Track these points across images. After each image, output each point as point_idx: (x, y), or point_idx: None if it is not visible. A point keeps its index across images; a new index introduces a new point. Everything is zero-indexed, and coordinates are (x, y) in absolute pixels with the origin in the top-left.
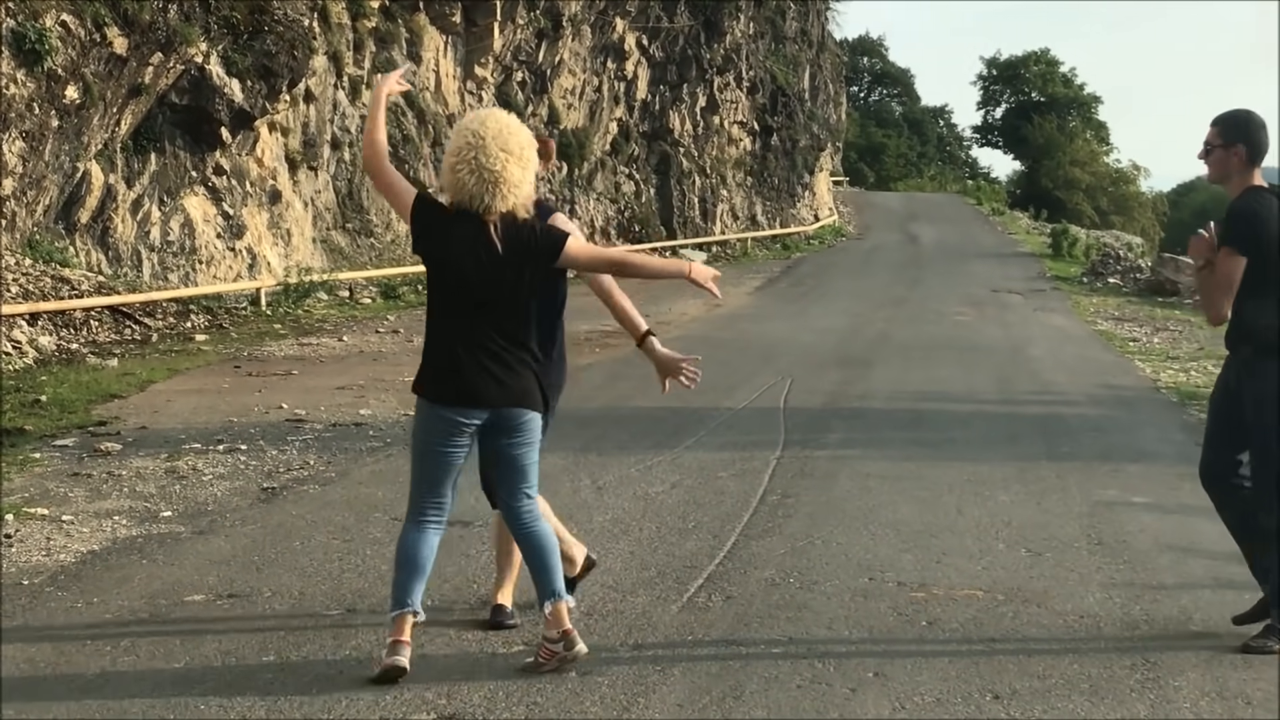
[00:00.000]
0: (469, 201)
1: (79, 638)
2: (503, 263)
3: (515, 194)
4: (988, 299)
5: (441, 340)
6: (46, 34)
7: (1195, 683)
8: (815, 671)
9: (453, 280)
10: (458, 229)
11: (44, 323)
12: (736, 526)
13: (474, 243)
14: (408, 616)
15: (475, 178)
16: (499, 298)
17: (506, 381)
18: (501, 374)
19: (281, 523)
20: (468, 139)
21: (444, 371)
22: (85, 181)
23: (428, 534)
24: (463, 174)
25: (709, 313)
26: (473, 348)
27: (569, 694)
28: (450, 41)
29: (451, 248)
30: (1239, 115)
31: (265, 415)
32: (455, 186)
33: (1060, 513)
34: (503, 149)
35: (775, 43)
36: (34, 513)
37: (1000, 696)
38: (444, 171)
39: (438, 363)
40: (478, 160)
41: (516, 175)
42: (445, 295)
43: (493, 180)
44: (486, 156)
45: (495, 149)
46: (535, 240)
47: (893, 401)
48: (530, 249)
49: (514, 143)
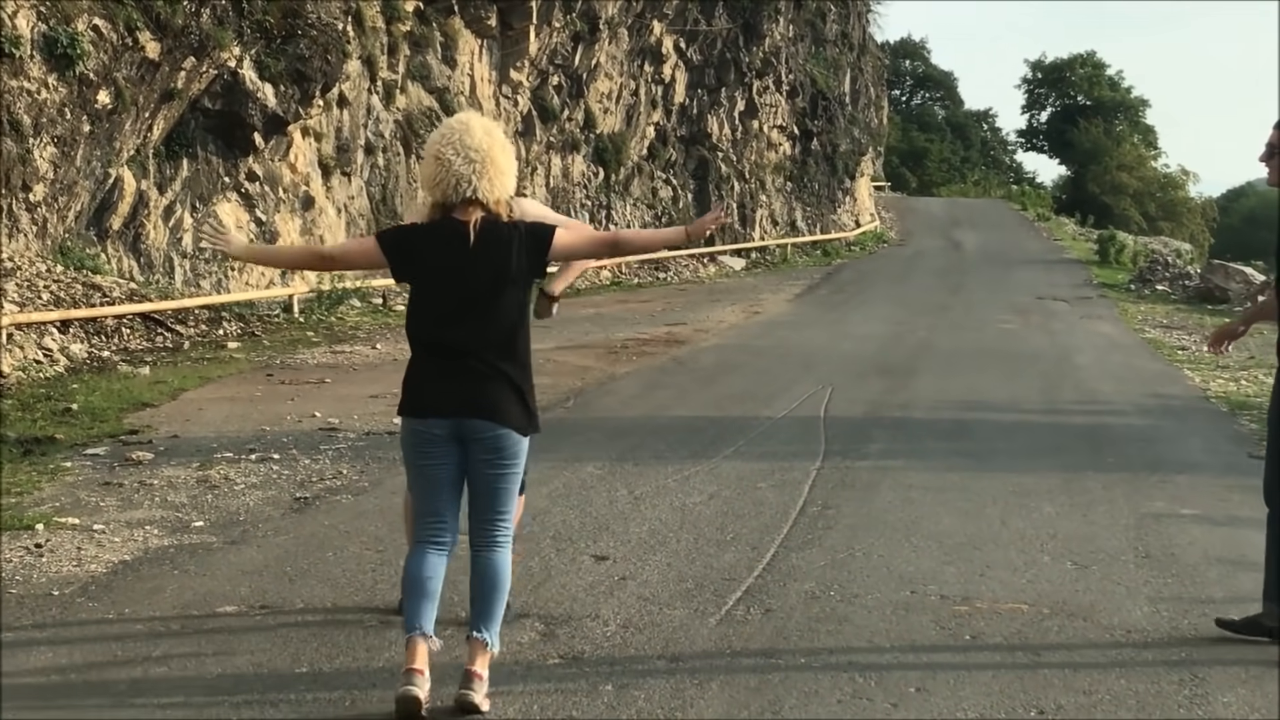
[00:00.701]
0: (454, 189)
1: (110, 649)
2: (483, 265)
3: (501, 182)
4: (1033, 306)
5: (415, 352)
6: (78, 38)
7: (1244, 698)
8: (856, 686)
9: (431, 289)
10: (435, 237)
11: (75, 330)
12: (776, 538)
13: (452, 247)
14: (416, 640)
15: (462, 158)
16: (479, 303)
17: (476, 392)
18: (472, 384)
19: (314, 533)
20: (450, 128)
21: (412, 382)
22: (117, 187)
23: (426, 555)
24: (448, 155)
25: (747, 320)
26: (446, 356)
27: (605, 707)
28: (485, 45)
29: (429, 258)
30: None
31: (298, 424)
32: (437, 174)
33: (1107, 525)
34: (487, 134)
35: (815, 45)
36: (65, 522)
37: (1045, 712)
38: (425, 164)
39: (410, 375)
40: (463, 142)
41: (502, 161)
42: (423, 305)
43: (480, 160)
44: (472, 138)
45: (480, 134)
46: (519, 238)
47: (935, 411)
48: (514, 248)
49: (498, 134)
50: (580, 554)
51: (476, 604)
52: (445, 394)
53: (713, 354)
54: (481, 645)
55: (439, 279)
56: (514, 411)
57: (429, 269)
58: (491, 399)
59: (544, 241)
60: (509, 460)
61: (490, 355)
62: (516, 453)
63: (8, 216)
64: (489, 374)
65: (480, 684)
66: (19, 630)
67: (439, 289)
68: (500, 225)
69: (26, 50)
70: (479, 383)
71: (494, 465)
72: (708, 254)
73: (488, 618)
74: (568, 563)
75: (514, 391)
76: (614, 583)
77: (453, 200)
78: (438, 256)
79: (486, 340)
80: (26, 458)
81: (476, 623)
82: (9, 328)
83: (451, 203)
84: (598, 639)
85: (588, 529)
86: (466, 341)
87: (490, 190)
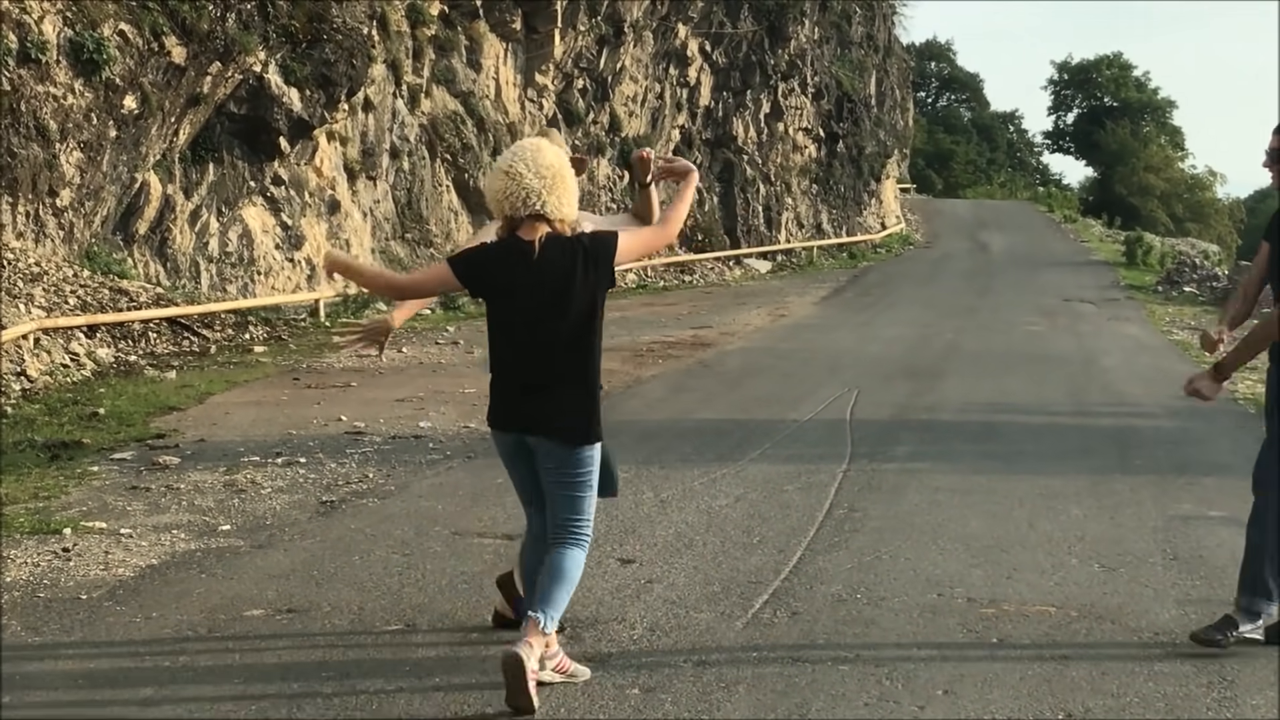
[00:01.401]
0: (523, 202)
1: (137, 652)
2: (547, 280)
3: (568, 201)
4: (1060, 308)
5: (495, 367)
6: (105, 43)
7: (1273, 701)
8: (883, 689)
9: (499, 306)
10: (501, 255)
11: (102, 335)
12: (802, 541)
13: (518, 263)
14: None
15: (533, 173)
16: (544, 318)
17: (536, 407)
18: (534, 399)
19: (341, 537)
20: (522, 147)
21: (493, 396)
22: (143, 192)
23: (531, 540)
24: (519, 169)
25: (773, 323)
26: (514, 372)
27: (632, 710)
28: (510, 49)
29: (497, 276)
30: None
31: (324, 428)
32: (507, 188)
33: (1134, 527)
34: (558, 156)
35: (841, 48)
36: (92, 526)
37: (1073, 715)
38: (493, 180)
39: (493, 388)
40: (536, 159)
41: (570, 182)
42: (493, 321)
43: (550, 177)
44: (544, 156)
45: (551, 154)
46: (583, 252)
47: (962, 413)
48: (579, 261)
49: (564, 158)
50: (606, 557)
51: (538, 588)
52: (512, 408)
53: (739, 357)
54: (534, 623)
55: (506, 296)
56: (572, 425)
57: (497, 286)
58: (550, 414)
59: (609, 249)
60: (571, 470)
61: (555, 369)
62: (578, 462)
63: (35, 221)
64: (553, 389)
65: (528, 649)
66: (46, 634)
67: (506, 305)
68: (563, 240)
69: (53, 55)
70: (541, 398)
71: (558, 475)
72: (733, 256)
73: (546, 600)
74: (594, 565)
75: (575, 404)
76: (640, 586)
77: (520, 214)
78: (504, 274)
79: (552, 355)
80: (54, 462)
81: (534, 602)
82: (36, 332)
83: (519, 218)
84: (624, 642)
85: (614, 532)
86: (532, 357)
87: (558, 207)
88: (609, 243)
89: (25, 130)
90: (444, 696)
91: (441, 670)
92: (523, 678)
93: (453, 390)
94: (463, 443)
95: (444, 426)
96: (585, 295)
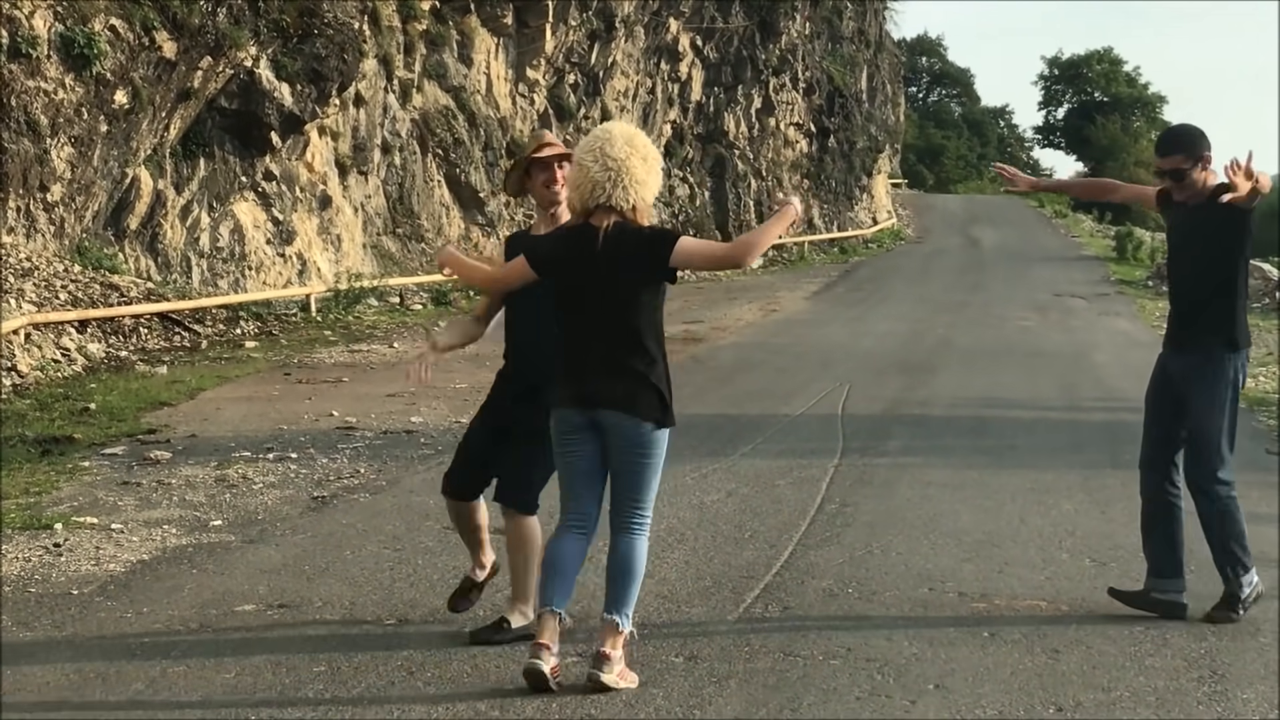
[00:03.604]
0: (590, 195)
1: (128, 647)
2: (610, 267)
3: (637, 190)
4: (1051, 304)
5: (567, 350)
6: (95, 38)
7: (1264, 695)
8: (874, 683)
9: (570, 290)
10: (570, 240)
11: (93, 330)
12: (794, 536)
13: (583, 249)
14: (546, 616)
15: (599, 166)
16: (607, 302)
17: (609, 384)
18: (606, 377)
19: (332, 532)
20: (595, 137)
21: (566, 377)
22: (134, 187)
23: (567, 537)
24: (587, 162)
25: (765, 318)
26: (588, 353)
27: (624, 706)
28: (501, 43)
29: (564, 260)
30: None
31: (315, 423)
32: (578, 179)
33: (1125, 521)
34: (628, 143)
35: (832, 43)
36: (83, 522)
37: (1064, 709)
38: (571, 170)
39: (565, 370)
40: (603, 151)
41: (640, 172)
42: (565, 305)
43: (616, 169)
44: (612, 147)
45: (621, 143)
46: (646, 241)
47: (954, 408)
48: (641, 248)
49: (639, 141)
50: (597, 552)
51: (609, 586)
52: (589, 388)
53: (730, 352)
54: (613, 627)
55: (572, 280)
56: (648, 404)
57: (564, 270)
58: (623, 391)
59: (667, 244)
60: (643, 450)
61: (621, 351)
62: (651, 443)
63: (25, 216)
64: (621, 368)
65: (609, 664)
66: (38, 630)
67: (573, 288)
68: (629, 229)
69: (43, 50)
70: (612, 376)
71: (628, 455)
72: None
73: (619, 600)
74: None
75: (647, 385)
76: None
77: (590, 205)
78: (571, 258)
79: (616, 337)
80: (45, 457)
81: (609, 605)
82: (27, 327)
83: (589, 208)
84: None
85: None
86: (599, 337)
87: (625, 198)
88: (668, 238)
89: (16, 125)
90: (435, 691)
91: (433, 665)
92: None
93: (444, 385)
94: (454, 438)
95: (435, 422)
96: (645, 283)
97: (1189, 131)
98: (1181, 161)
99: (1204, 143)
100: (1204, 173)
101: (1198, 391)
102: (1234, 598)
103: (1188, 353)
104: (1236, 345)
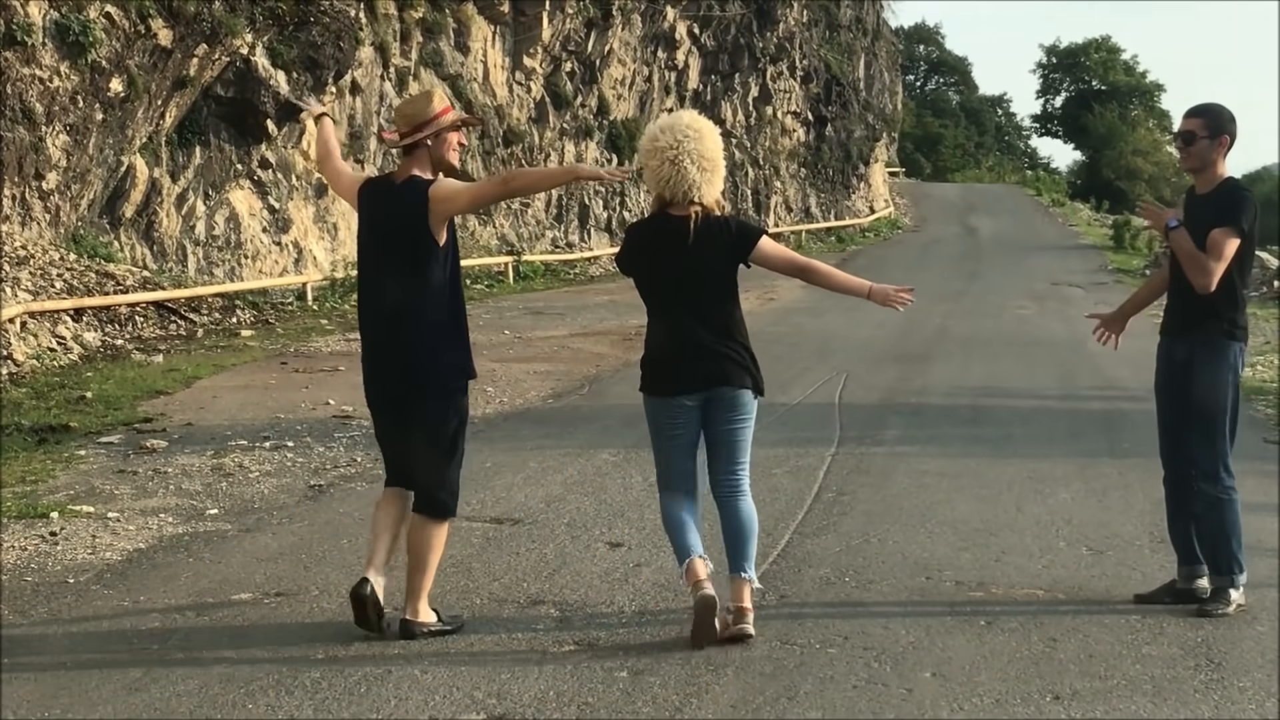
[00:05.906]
0: (684, 194)
1: (125, 636)
2: (699, 255)
3: (716, 184)
4: (1048, 292)
5: (655, 337)
6: (91, 26)
7: (1260, 683)
8: (871, 672)
9: (659, 279)
10: (658, 232)
11: (89, 318)
12: (791, 524)
13: (673, 241)
14: (695, 561)
15: (697, 167)
16: (697, 289)
17: (712, 364)
18: (707, 358)
19: (329, 520)
20: (684, 134)
21: (658, 365)
22: (129, 175)
23: (680, 499)
24: (684, 162)
25: (762, 306)
26: (682, 339)
27: (620, 694)
28: (498, 31)
29: (653, 252)
30: (1223, 109)
31: (312, 412)
32: (671, 177)
33: (1122, 510)
34: (715, 141)
35: (829, 31)
36: (80, 510)
37: (1061, 697)
38: (655, 163)
39: (653, 358)
40: (699, 151)
41: (722, 167)
42: (655, 295)
43: (711, 169)
44: (704, 146)
45: (711, 141)
46: (730, 233)
47: (951, 397)
48: (727, 241)
49: (717, 136)
50: (595, 541)
51: (732, 547)
52: (694, 371)
53: None
54: (745, 583)
55: (662, 269)
56: (747, 375)
57: (653, 261)
58: (727, 368)
59: (753, 237)
60: (744, 415)
61: (718, 332)
62: (750, 409)
63: (20, 205)
64: (720, 348)
65: (749, 615)
66: (34, 618)
67: (661, 278)
68: (714, 220)
69: (38, 38)
70: (712, 356)
71: (732, 421)
72: None
73: (744, 557)
74: (582, 550)
75: (741, 361)
76: (629, 570)
77: (679, 201)
78: (661, 249)
79: (713, 320)
80: (41, 446)
81: (736, 564)
82: (23, 316)
83: (676, 201)
84: (613, 626)
85: (602, 516)
86: (700, 323)
87: (710, 193)
88: (753, 235)
89: (11, 113)
90: (432, 680)
91: (430, 653)
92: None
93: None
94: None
95: None
96: (729, 270)
97: (1218, 107)
98: (1197, 127)
99: (1228, 122)
100: (1216, 153)
101: (1201, 374)
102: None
103: (1190, 338)
104: (1235, 335)
